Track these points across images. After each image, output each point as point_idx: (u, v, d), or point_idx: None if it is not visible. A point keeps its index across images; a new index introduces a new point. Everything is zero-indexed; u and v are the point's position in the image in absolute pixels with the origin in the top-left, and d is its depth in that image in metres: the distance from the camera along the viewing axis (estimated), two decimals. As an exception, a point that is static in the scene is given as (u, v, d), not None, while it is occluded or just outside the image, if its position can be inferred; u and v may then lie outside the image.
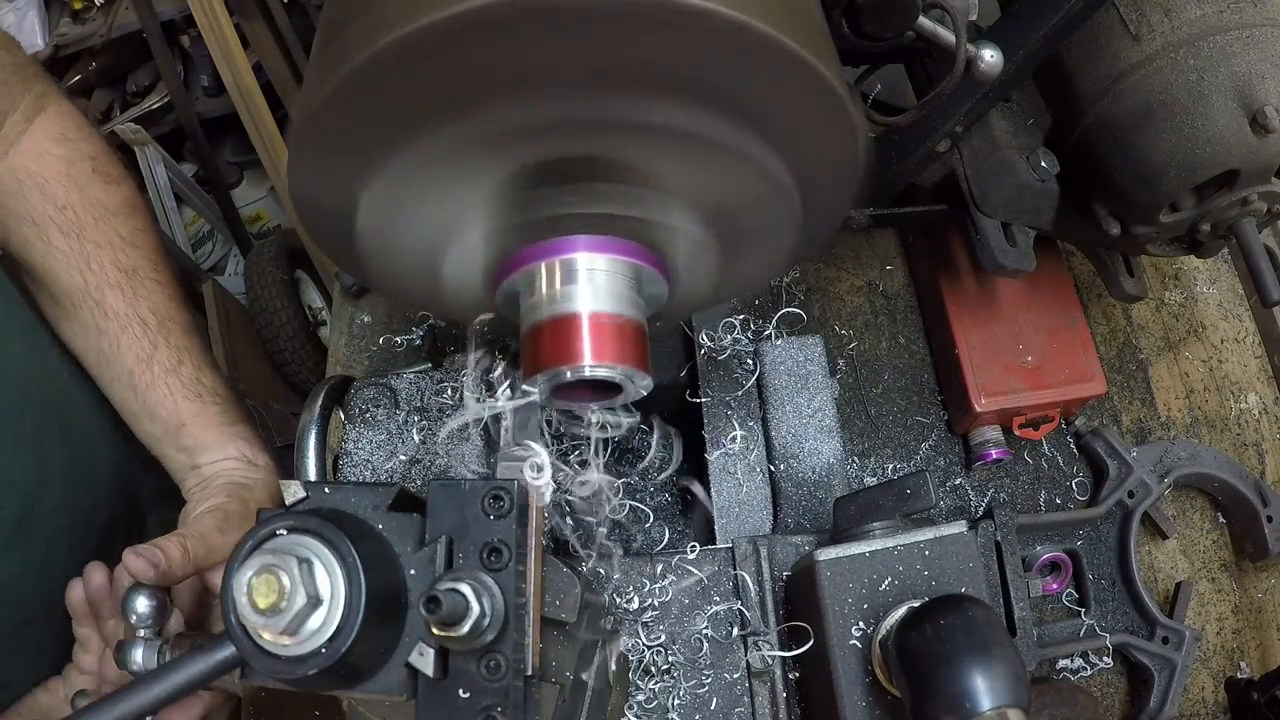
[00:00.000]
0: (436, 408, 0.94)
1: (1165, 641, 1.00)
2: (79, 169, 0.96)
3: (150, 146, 2.70)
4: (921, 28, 0.73)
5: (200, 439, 0.96)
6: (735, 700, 0.80)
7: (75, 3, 2.76)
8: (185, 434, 0.96)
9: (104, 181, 0.97)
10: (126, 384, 0.96)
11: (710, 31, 0.46)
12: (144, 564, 0.78)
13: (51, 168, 0.95)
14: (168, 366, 0.96)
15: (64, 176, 0.95)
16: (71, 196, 0.95)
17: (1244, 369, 1.20)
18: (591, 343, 0.60)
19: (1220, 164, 0.84)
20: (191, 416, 0.96)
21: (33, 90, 0.96)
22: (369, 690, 0.57)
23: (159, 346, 0.96)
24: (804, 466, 0.91)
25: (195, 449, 0.96)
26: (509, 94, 0.50)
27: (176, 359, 0.97)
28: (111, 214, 0.97)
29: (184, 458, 0.96)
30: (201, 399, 0.97)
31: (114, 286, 0.95)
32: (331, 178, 0.56)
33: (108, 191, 0.97)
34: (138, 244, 0.98)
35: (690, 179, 0.59)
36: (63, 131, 0.97)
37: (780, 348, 0.95)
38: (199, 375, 0.98)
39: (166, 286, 0.99)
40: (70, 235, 0.94)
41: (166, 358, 0.96)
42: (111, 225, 0.96)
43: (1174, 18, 0.85)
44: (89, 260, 0.94)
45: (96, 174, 0.97)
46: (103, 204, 0.96)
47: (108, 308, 0.95)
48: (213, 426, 0.96)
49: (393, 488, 0.59)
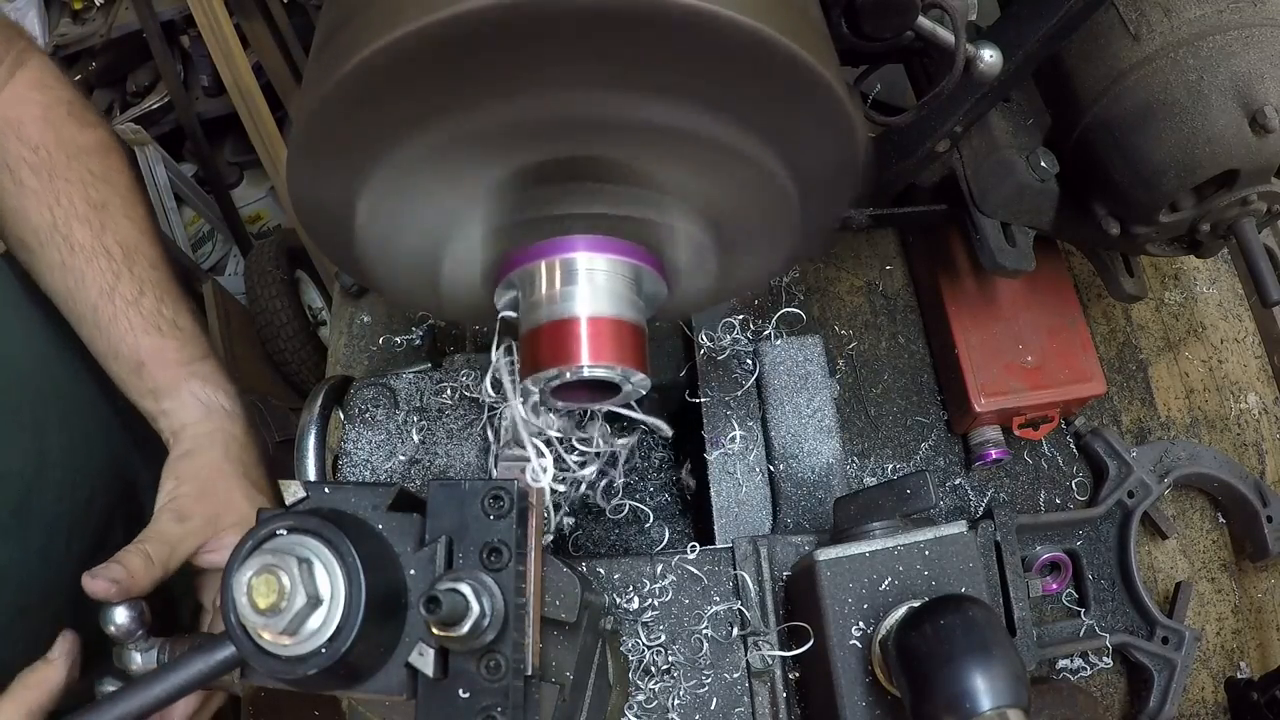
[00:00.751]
0: (436, 408, 0.94)
1: (1165, 641, 1.00)
2: (55, 112, 0.95)
3: (150, 146, 2.70)
4: (921, 28, 0.73)
5: (159, 379, 0.93)
6: (735, 700, 0.80)
7: (75, 3, 2.76)
8: (146, 374, 0.93)
9: (79, 124, 0.96)
10: (92, 320, 0.93)
11: (708, 32, 0.46)
12: (104, 584, 0.77)
13: (29, 112, 0.94)
14: (129, 299, 0.92)
15: (40, 120, 0.94)
16: (46, 137, 0.93)
17: (1244, 369, 1.20)
18: (590, 343, 0.60)
19: (1220, 164, 0.84)
20: (150, 353, 0.92)
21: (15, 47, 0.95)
22: (369, 690, 0.57)
23: (122, 278, 0.93)
24: (803, 466, 0.91)
25: (157, 391, 0.93)
26: (508, 94, 0.50)
27: (139, 290, 0.93)
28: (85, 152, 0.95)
29: (150, 403, 0.94)
30: (160, 332, 0.93)
31: (82, 220, 0.92)
32: (331, 178, 0.56)
33: (83, 132, 0.96)
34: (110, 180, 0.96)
35: (689, 179, 0.59)
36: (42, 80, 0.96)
37: (780, 348, 0.95)
38: (160, 307, 0.94)
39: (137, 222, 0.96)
40: (41, 174, 0.92)
41: (129, 289, 0.93)
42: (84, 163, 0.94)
43: (1174, 17, 0.85)
44: (58, 196, 0.92)
45: (72, 116, 0.96)
46: (76, 143, 0.95)
47: (74, 241, 0.92)
48: (170, 364, 0.93)
49: (393, 488, 0.59)
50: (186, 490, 0.89)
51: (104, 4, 2.74)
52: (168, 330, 0.94)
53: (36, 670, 0.79)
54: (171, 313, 0.95)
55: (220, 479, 0.91)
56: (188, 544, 0.86)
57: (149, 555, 0.82)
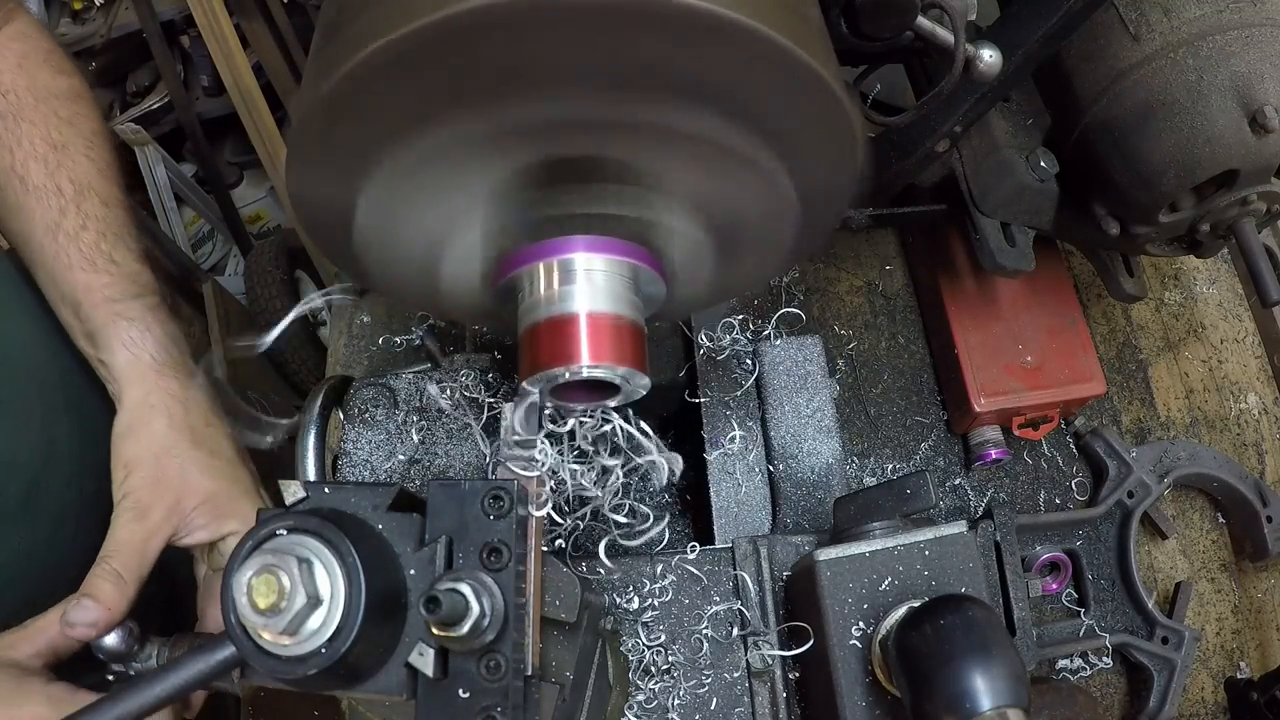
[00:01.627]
0: (435, 408, 0.94)
1: (1165, 642, 1.00)
2: (31, 59, 0.94)
3: (150, 146, 2.70)
4: (920, 28, 0.73)
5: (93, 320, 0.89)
6: (735, 700, 0.80)
7: (75, 3, 2.76)
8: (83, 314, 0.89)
9: (53, 70, 0.95)
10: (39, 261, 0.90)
11: (707, 32, 0.46)
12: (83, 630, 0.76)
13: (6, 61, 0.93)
14: (70, 234, 0.88)
15: (15, 67, 0.93)
16: (18, 82, 0.92)
17: (1244, 369, 1.20)
18: (589, 343, 0.60)
19: (1219, 164, 0.84)
20: (84, 291, 0.88)
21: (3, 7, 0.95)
22: (369, 690, 0.57)
23: (67, 214, 0.89)
24: (803, 467, 0.91)
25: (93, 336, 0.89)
26: (506, 95, 0.50)
27: (81, 225, 0.89)
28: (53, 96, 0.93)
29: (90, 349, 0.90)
30: (95, 268, 0.88)
31: (39, 159, 0.90)
32: (330, 178, 0.56)
33: (55, 79, 0.95)
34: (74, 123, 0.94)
35: (688, 179, 0.59)
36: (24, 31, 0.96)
37: (779, 348, 0.95)
38: (99, 242, 0.89)
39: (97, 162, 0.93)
40: (7, 118, 0.91)
41: (72, 224, 0.89)
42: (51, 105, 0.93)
43: (1173, 18, 0.85)
44: (20, 139, 0.90)
45: (48, 64, 0.95)
46: (47, 87, 0.94)
47: (29, 180, 0.89)
48: (99, 303, 0.88)
49: (392, 488, 0.59)
50: (139, 480, 0.85)
51: (104, 4, 2.74)
52: (102, 265, 0.89)
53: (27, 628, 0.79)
54: (110, 249, 0.90)
55: (170, 458, 0.87)
56: (155, 542, 0.84)
57: (119, 574, 0.80)
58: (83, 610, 0.76)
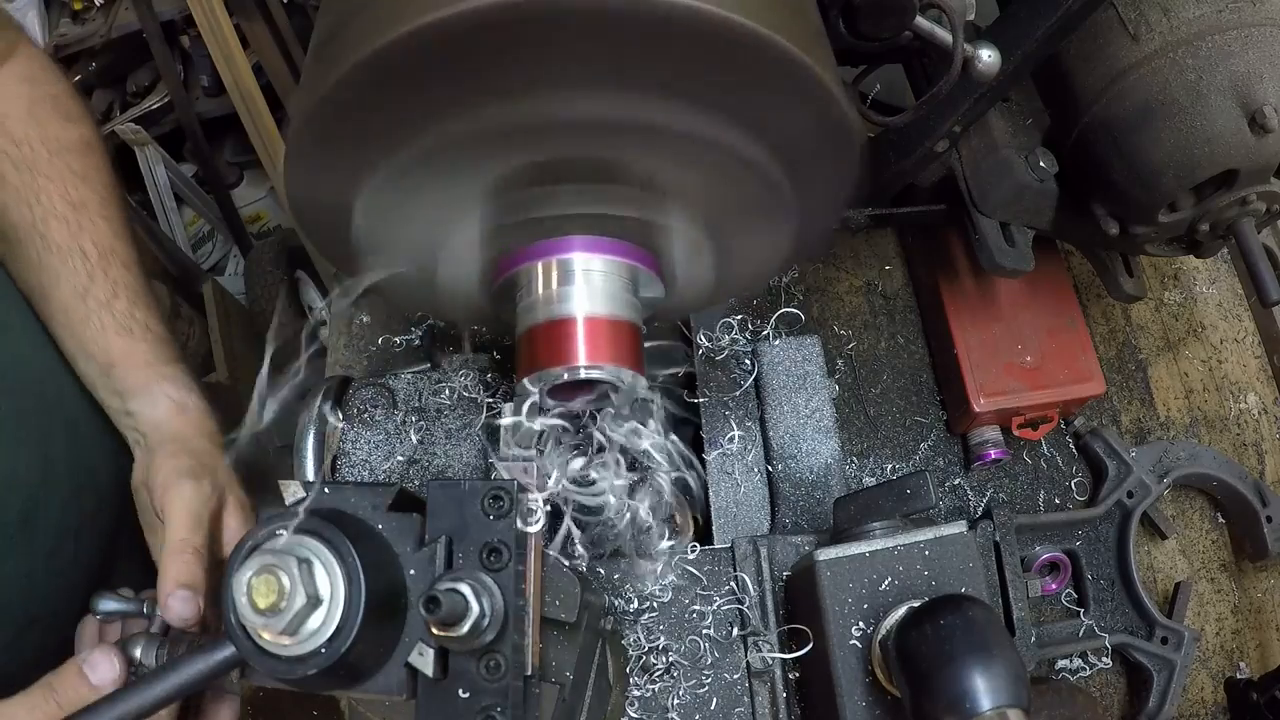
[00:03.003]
0: (434, 408, 0.94)
1: (1164, 642, 1.00)
2: (41, 106, 0.95)
3: (150, 146, 2.70)
4: (919, 27, 0.73)
5: (130, 381, 0.93)
6: (735, 700, 0.80)
7: (75, 3, 2.75)
8: (116, 375, 0.93)
9: (63, 119, 0.96)
10: (63, 321, 0.94)
11: (705, 33, 0.46)
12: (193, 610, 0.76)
13: (15, 106, 0.94)
14: (101, 300, 0.93)
15: (25, 114, 0.94)
16: (30, 132, 0.94)
17: (1243, 369, 1.20)
18: (587, 343, 0.60)
19: (1219, 164, 0.84)
20: (121, 355, 0.93)
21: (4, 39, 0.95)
22: (369, 690, 0.57)
23: (96, 279, 0.93)
24: (802, 467, 0.91)
25: (126, 393, 0.93)
26: (504, 95, 0.50)
27: (112, 292, 0.93)
28: (66, 149, 0.95)
29: (118, 403, 0.94)
30: (132, 334, 0.94)
31: (59, 219, 0.93)
32: (328, 178, 0.57)
33: (65, 129, 0.96)
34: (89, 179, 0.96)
35: (686, 180, 0.59)
36: (30, 73, 0.96)
37: (778, 348, 0.95)
38: (132, 310, 0.94)
39: (113, 222, 0.97)
40: (23, 169, 0.93)
41: (102, 290, 0.93)
42: (65, 160, 0.95)
43: (1172, 17, 0.85)
44: (38, 194, 0.93)
45: (57, 111, 0.96)
46: (59, 140, 0.95)
47: (51, 240, 0.92)
48: (140, 366, 0.93)
49: (392, 488, 0.59)
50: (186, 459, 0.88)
51: (104, 4, 2.74)
52: (139, 333, 0.94)
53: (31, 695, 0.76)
54: (144, 316, 0.95)
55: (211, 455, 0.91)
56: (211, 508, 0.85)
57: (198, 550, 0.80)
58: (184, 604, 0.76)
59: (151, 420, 0.93)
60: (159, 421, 0.93)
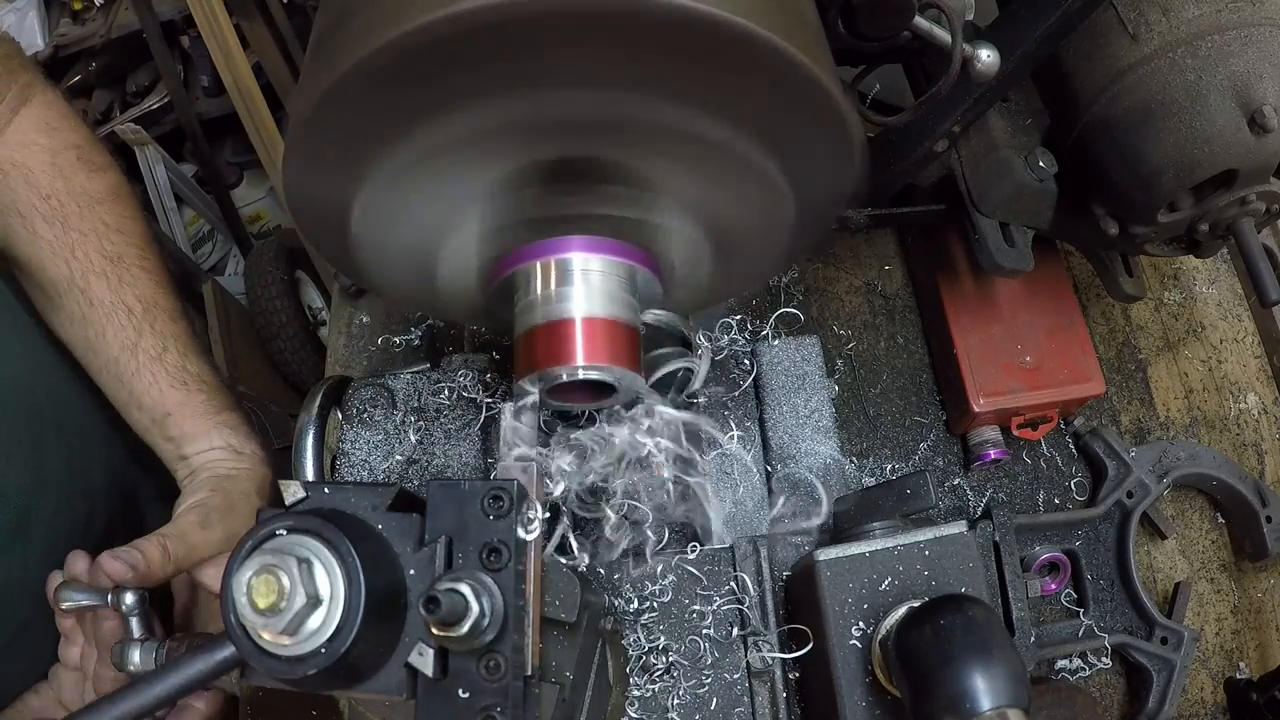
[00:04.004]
0: (434, 408, 0.94)
1: (1164, 642, 1.00)
2: (64, 157, 0.96)
3: (150, 146, 2.70)
4: (918, 27, 0.73)
5: (186, 429, 0.95)
6: (735, 700, 0.80)
7: (75, 3, 2.76)
8: (171, 423, 0.95)
9: (88, 169, 0.97)
10: (113, 373, 0.95)
11: (703, 34, 0.46)
12: (122, 566, 0.78)
13: (36, 158, 0.94)
14: (152, 355, 0.95)
15: (49, 166, 0.94)
16: (56, 185, 0.94)
17: (1243, 369, 1.20)
18: (585, 344, 0.60)
19: (1218, 164, 0.84)
20: (176, 405, 0.95)
21: (19, 81, 0.95)
22: (369, 690, 0.57)
23: (144, 334, 0.95)
24: (801, 467, 0.91)
25: (181, 439, 0.95)
26: (503, 95, 0.50)
27: (161, 346, 0.96)
28: (96, 201, 0.96)
29: (171, 448, 0.96)
30: (187, 387, 0.96)
31: (99, 274, 0.94)
32: (327, 177, 0.57)
33: (92, 179, 0.97)
34: (123, 230, 0.97)
35: (685, 180, 0.59)
36: (48, 121, 0.96)
37: (777, 348, 0.95)
38: (184, 363, 0.97)
39: (153, 273, 0.98)
40: (55, 224, 0.93)
41: (151, 345, 0.95)
42: (96, 213, 0.96)
43: (1172, 17, 0.85)
44: (74, 249, 0.94)
45: (81, 162, 0.97)
46: (87, 192, 0.96)
47: (93, 296, 0.94)
48: (198, 415, 0.96)
49: (392, 488, 0.59)
50: (216, 502, 0.90)
51: (104, 4, 2.74)
52: (194, 385, 0.96)
53: None
54: (196, 368, 0.98)
55: (246, 504, 0.92)
56: (203, 551, 0.86)
57: (167, 550, 0.82)
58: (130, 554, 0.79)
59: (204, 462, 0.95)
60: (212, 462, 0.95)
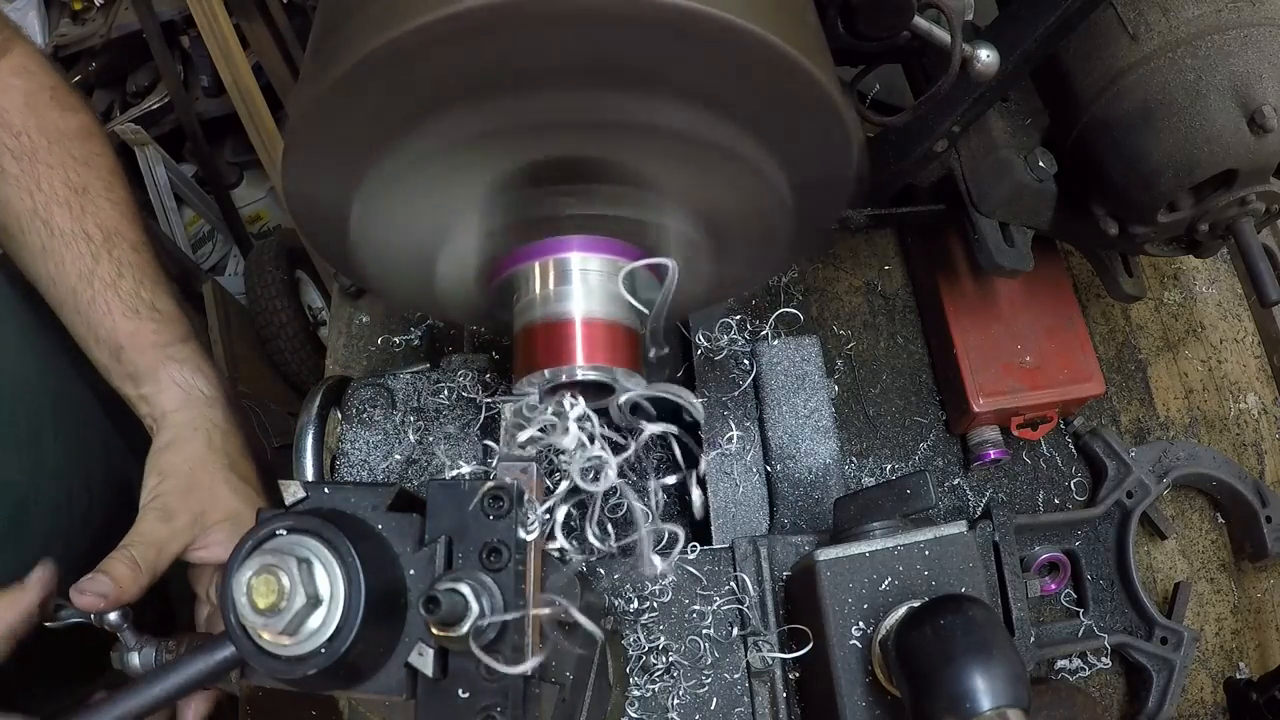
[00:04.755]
0: (433, 408, 0.94)
1: (1164, 642, 1.00)
2: (38, 97, 0.95)
3: (150, 146, 2.70)
4: (917, 27, 0.73)
5: (138, 363, 0.92)
6: (735, 700, 0.80)
7: (75, 3, 2.76)
8: (125, 358, 0.92)
9: (61, 108, 0.96)
10: (71, 305, 0.93)
11: (701, 33, 0.46)
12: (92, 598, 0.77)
13: (11, 99, 0.94)
14: (107, 281, 0.92)
15: (22, 106, 0.94)
16: (28, 123, 0.93)
17: (1243, 369, 1.20)
18: (584, 344, 0.60)
19: (1218, 164, 0.84)
20: (128, 336, 0.92)
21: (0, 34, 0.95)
22: (369, 690, 0.57)
23: (101, 260, 0.92)
24: (800, 467, 0.91)
25: (136, 376, 0.93)
26: (501, 95, 0.50)
27: (117, 273, 0.93)
28: (66, 137, 0.95)
29: (130, 388, 0.93)
30: (139, 315, 0.93)
31: (62, 204, 0.93)
32: (325, 177, 0.57)
33: (64, 117, 0.96)
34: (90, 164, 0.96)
35: (684, 180, 0.59)
36: (25, 66, 0.96)
37: (777, 348, 0.95)
38: (139, 290, 0.94)
39: (118, 204, 0.96)
40: (23, 159, 0.92)
41: (107, 272, 0.92)
42: (65, 147, 0.94)
43: (1172, 17, 0.85)
44: (39, 181, 0.92)
45: (54, 101, 0.96)
46: (58, 128, 0.95)
47: (54, 225, 0.92)
48: (147, 348, 0.93)
49: (392, 488, 0.59)
50: (171, 486, 0.88)
51: (104, 4, 2.74)
52: (145, 313, 0.93)
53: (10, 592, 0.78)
54: (150, 295, 0.94)
55: (204, 473, 0.90)
56: (174, 545, 0.85)
57: (135, 561, 0.81)
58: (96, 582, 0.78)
59: (161, 408, 0.92)
60: (166, 412, 0.92)
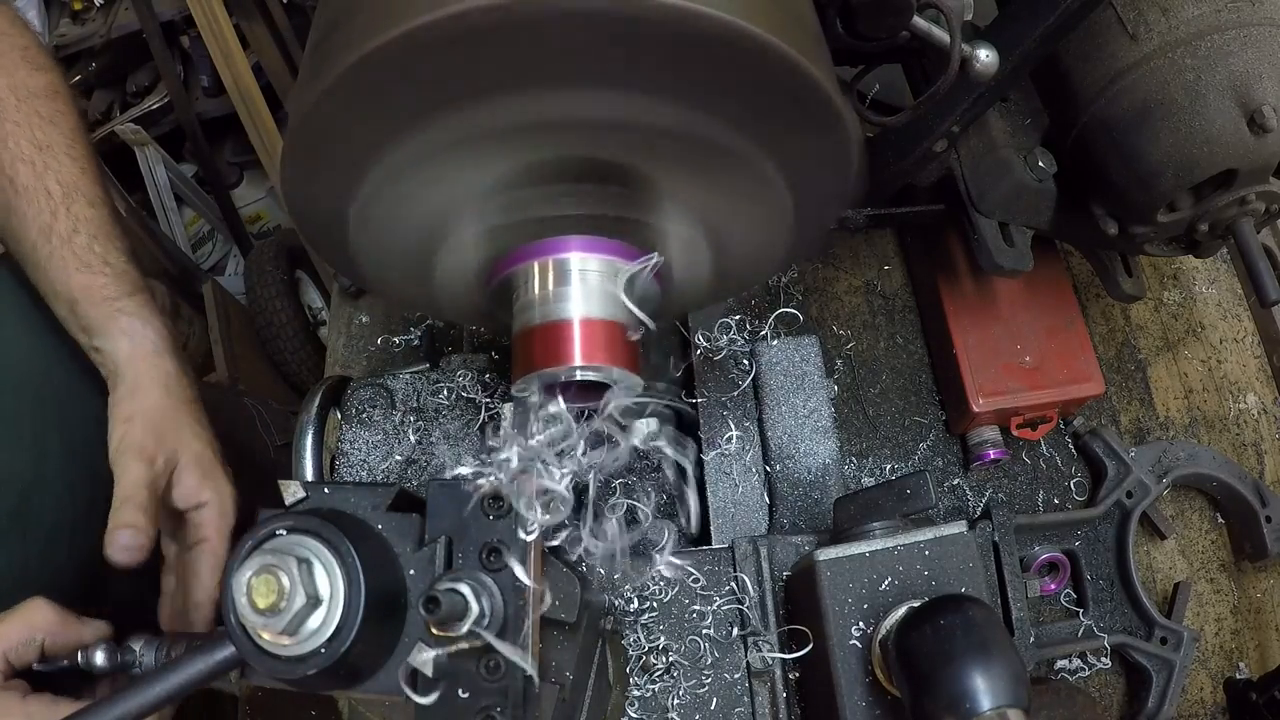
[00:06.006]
0: (433, 408, 0.94)
1: (1163, 642, 1.00)
2: (9, 57, 0.96)
3: (150, 146, 2.70)
4: (916, 27, 0.73)
5: (90, 316, 0.93)
6: (735, 700, 0.80)
7: (75, 3, 2.76)
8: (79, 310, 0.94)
9: (31, 67, 0.97)
10: (33, 261, 0.94)
11: (700, 34, 0.46)
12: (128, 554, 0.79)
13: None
14: (63, 236, 0.94)
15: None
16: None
17: (1243, 369, 1.20)
18: (582, 344, 0.61)
19: (1218, 164, 0.84)
20: (82, 290, 0.93)
21: None
22: (369, 690, 0.57)
23: (59, 216, 0.94)
24: (799, 467, 0.91)
25: (90, 329, 0.94)
26: (501, 96, 0.50)
27: (72, 228, 0.94)
28: (34, 95, 0.96)
29: (85, 339, 0.95)
30: (91, 269, 0.94)
31: (26, 161, 0.94)
32: (325, 178, 0.57)
33: (33, 76, 0.97)
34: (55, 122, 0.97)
35: (682, 180, 0.59)
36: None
37: (776, 348, 0.95)
38: (92, 244, 0.95)
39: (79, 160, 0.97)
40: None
41: (64, 227, 0.94)
42: (32, 105, 0.96)
43: (1171, 17, 0.85)
44: (5, 139, 0.94)
45: (25, 60, 0.97)
46: (27, 86, 0.96)
47: (18, 183, 0.94)
48: (99, 301, 0.94)
49: (392, 488, 0.59)
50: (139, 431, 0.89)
51: (104, 4, 2.74)
52: (98, 267, 0.94)
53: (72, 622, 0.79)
54: (103, 250, 0.95)
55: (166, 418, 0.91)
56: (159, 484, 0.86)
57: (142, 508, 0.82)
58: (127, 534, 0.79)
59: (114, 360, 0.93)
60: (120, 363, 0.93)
